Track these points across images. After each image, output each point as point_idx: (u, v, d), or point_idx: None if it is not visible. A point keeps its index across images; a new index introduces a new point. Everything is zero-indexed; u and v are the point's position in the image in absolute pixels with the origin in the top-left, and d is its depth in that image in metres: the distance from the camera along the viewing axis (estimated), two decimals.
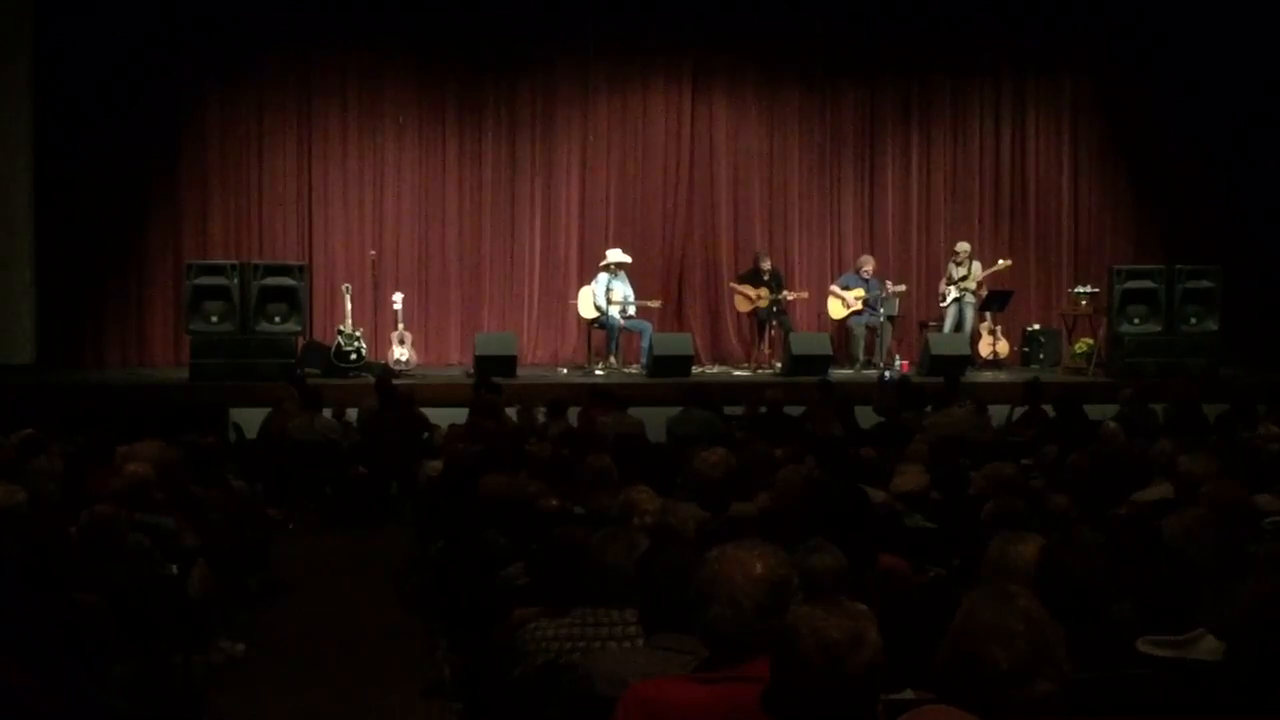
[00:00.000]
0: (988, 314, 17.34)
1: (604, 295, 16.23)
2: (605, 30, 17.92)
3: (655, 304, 16.78)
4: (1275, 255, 18.10)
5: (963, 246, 17.27)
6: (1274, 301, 17.83)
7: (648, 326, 16.49)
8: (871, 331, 16.85)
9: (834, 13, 18.07)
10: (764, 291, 16.75)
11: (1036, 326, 18.04)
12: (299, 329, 15.52)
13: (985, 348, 17.28)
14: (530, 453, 8.46)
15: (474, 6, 17.43)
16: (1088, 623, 3.90)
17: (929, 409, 12.15)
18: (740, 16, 17.97)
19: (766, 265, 16.99)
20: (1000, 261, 17.35)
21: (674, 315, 17.98)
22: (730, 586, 3.38)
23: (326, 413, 12.56)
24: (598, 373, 16.00)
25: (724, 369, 17.17)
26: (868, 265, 17.14)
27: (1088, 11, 18.33)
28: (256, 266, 15.54)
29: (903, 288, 17.23)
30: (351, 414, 13.07)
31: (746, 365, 17.16)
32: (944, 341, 16.47)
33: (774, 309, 16.77)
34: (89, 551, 6.10)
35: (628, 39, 18.05)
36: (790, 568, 3.52)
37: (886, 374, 15.75)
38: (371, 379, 14.26)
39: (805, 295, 17.35)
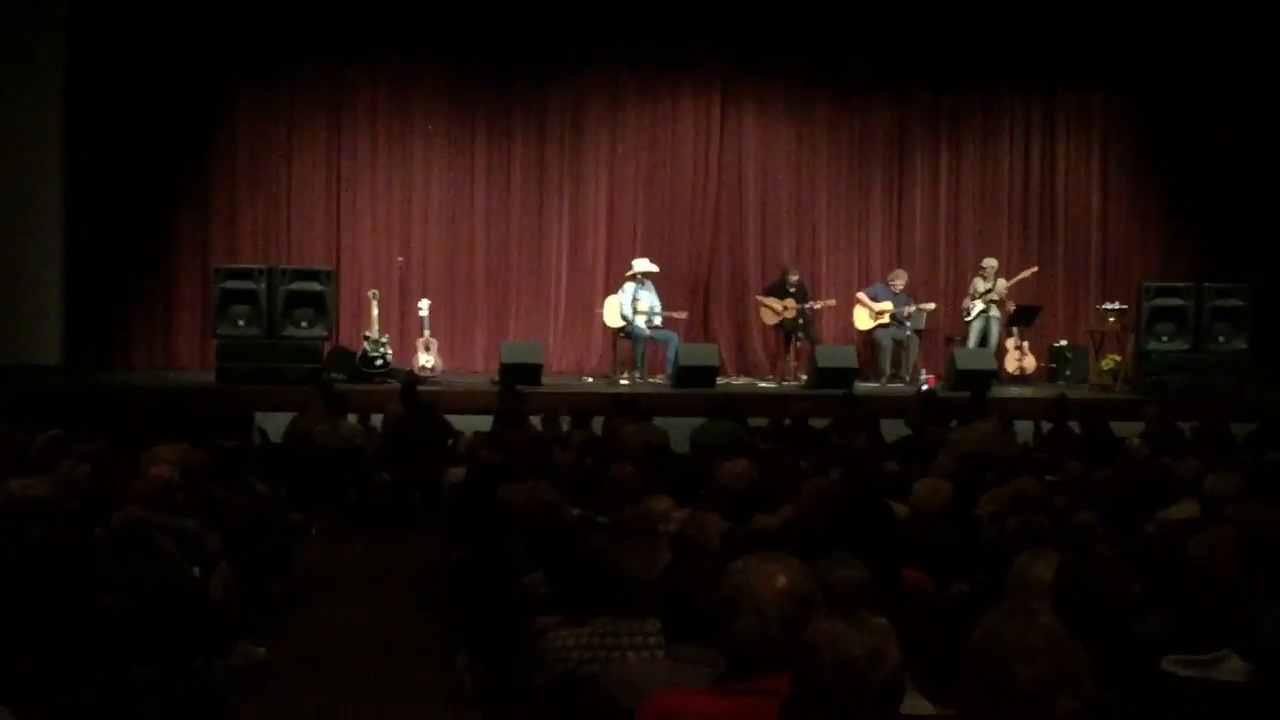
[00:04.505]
0: (1015, 329, 17.29)
1: (630, 305, 16.24)
2: (635, 40, 17.95)
3: (681, 314, 16.76)
4: None
5: (989, 262, 17.24)
6: None
7: (673, 337, 16.49)
8: (898, 345, 16.82)
9: (865, 26, 18.00)
10: (790, 304, 16.72)
11: (1064, 342, 17.97)
12: (325, 334, 15.57)
13: (1012, 363, 17.21)
14: (554, 462, 8.45)
15: (504, 16, 17.46)
16: (1107, 638, 3.87)
17: (954, 424, 12.11)
18: (771, 29, 17.93)
19: (793, 278, 16.97)
20: (1027, 269, 17.29)
21: (700, 326, 17.97)
22: (756, 599, 3.37)
23: (351, 418, 12.58)
24: (623, 382, 16.00)
25: (749, 380, 17.17)
26: (899, 280, 17.10)
27: (1118, 27, 18.23)
28: (284, 271, 15.61)
29: (932, 306, 17.19)
30: (376, 420, 13.09)
31: (772, 377, 17.15)
32: (970, 356, 16.42)
33: (800, 321, 16.74)
34: (117, 553, 6.12)
35: (658, 49, 18.06)
36: (813, 581, 3.50)
37: (924, 388, 15.66)
38: (397, 385, 14.29)
39: (833, 303, 17.36)
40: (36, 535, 5.45)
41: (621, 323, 16.38)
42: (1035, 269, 17.42)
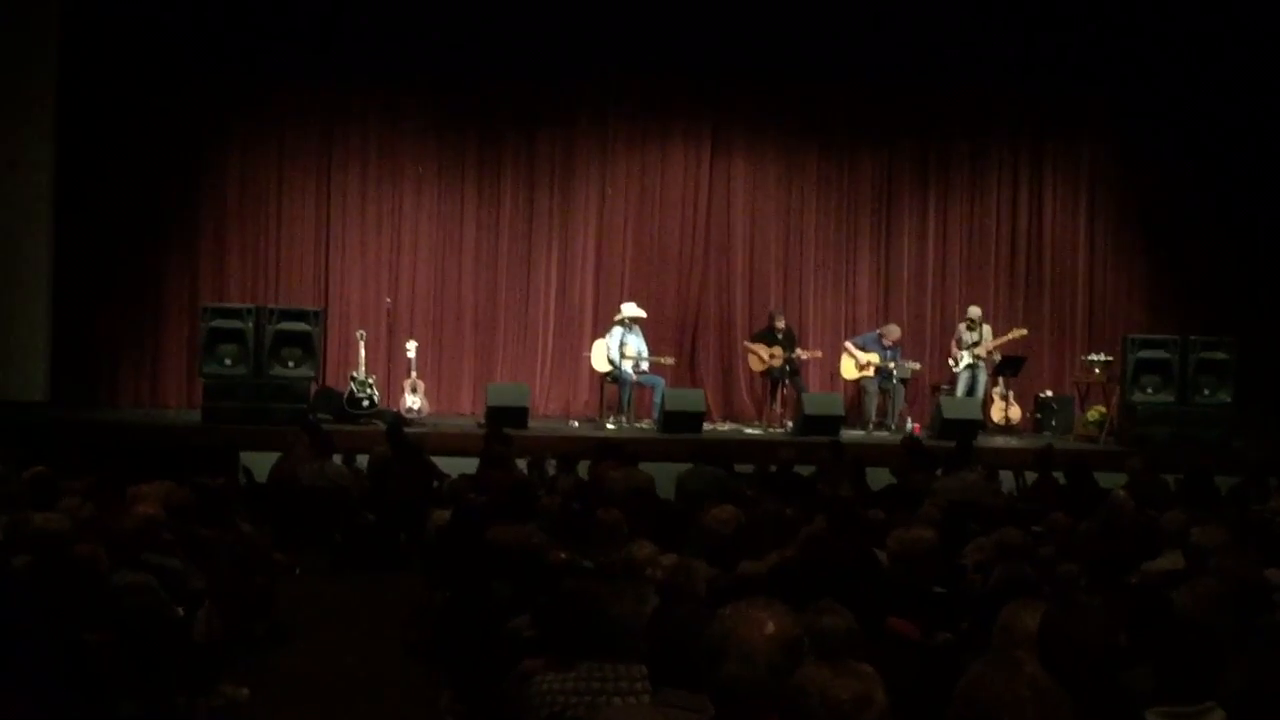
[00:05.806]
0: (1000, 379, 17.32)
1: (618, 349, 16.25)
2: (626, 85, 18.06)
3: (668, 360, 16.77)
4: None
5: (974, 311, 17.29)
6: None
7: (660, 382, 16.50)
8: (884, 393, 16.83)
9: (854, 75, 18.11)
10: (778, 351, 16.76)
11: (1049, 393, 17.99)
12: (312, 374, 15.56)
13: (997, 413, 17.24)
14: (540, 505, 8.44)
15: (496, 58, 17.52)
16: (1092, 689, 3.89)
17: (939, 472, 12.11)
18: (761, 77, 18.05)
19: (781, 324, 17.01)
20: (1015, 331, 17.29)
21: (687, 371, 17.97)
22: (744, 644, 3.37)
23: (337, 459, 12.54)
24: (609, 426, 15.99)
25: (735, 427, 17.16)
26: (892, 335, 17.08)
27: (1107, 79, 18.36)
28: (272, 311, 15.61)
29: (917, 366, 17.19)
30: (362, 460, 13.06)
31: (758, 423, 17.15)
32: (956, 405, 16.44)
33: (787, 368, 16.77)
34: (73, 591, 6.06)
35: (649, 95, 18.17)
36: (800, 628, 3.51)
37: (910, 437, 15.61)
38: (383, 426, 14.27)
39: (819, 355, 17.36)
40: (42, 569, 5.44)
41: (609, 367, 16.39)
42: (1024, 332, 17.40)
